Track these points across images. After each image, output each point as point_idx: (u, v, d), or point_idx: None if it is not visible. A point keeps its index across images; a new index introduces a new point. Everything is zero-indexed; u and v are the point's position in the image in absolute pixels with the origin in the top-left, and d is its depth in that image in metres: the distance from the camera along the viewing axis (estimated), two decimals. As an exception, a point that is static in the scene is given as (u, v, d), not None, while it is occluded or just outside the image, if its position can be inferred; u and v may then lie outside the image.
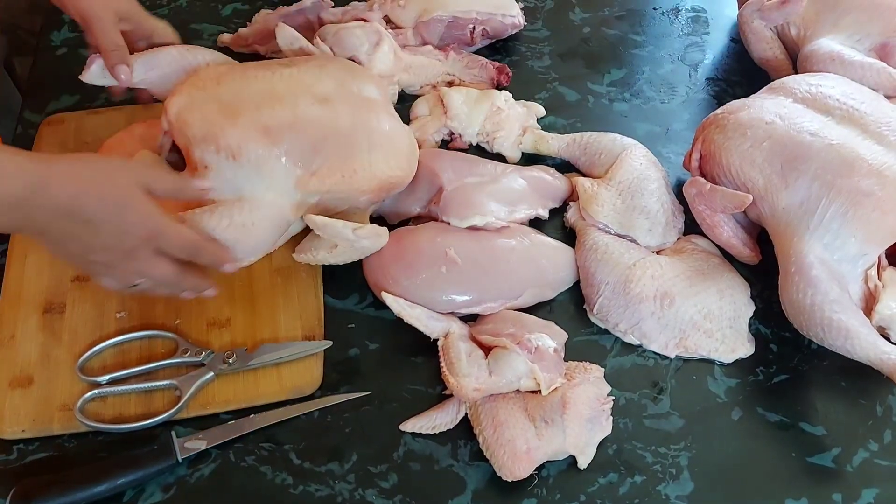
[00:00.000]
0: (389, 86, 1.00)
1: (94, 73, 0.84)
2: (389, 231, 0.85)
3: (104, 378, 0.78)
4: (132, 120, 0.96)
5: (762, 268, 0.88)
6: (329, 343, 0.81)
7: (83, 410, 0.76)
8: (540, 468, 0.75)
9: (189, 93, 0.82)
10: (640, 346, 0.84)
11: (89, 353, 0.80)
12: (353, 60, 0.98)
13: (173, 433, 0.75)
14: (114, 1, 0.84)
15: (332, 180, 0.81)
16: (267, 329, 0.83)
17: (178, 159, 0.86)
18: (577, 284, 0.88)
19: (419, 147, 0.97)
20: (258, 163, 0.79)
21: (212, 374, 0.79)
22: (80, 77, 0.84)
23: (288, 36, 0.93)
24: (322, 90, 0.84)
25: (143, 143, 0.85)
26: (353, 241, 0.81)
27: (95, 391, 0.78)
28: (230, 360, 0.79)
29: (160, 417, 0.76)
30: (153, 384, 0.79)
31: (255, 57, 1.06)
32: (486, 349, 0.79)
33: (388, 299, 0.81)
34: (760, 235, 0.89)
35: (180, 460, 0.74)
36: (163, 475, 0.74)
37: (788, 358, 0.83)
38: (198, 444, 0.75)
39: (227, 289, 0.85)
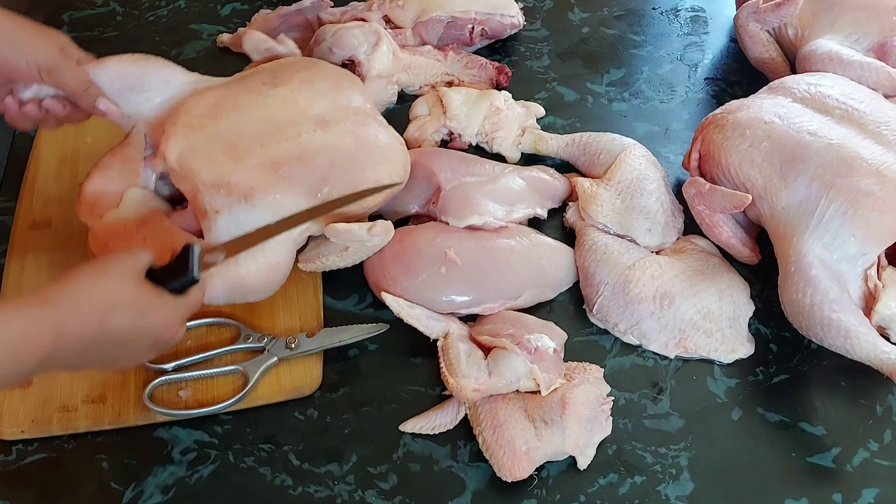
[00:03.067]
0: (388, 86, 1.00)
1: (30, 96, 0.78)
2: (389, 230, 0.85)
3: (170, 365, 0.79)
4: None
5: (762, 268, 0.88)
6: (387, 326, 0.82)
7: (152, 397, 0.77)
8: (540, 469, 0.75)
9: (186, 135, 0.80)
10: (639, 346, 0.84)
11: None
12: (352, 60, 0.98)
13: None
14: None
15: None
16: (266, 329, 0.82)
17: (164, 189, 0.85)
18: (576, 285, 0.88)
19: (419, 146, 0.97)
20: (272, 201, 0.78)
21: (275, 358, 0.79)
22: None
23: (255, 40, 0.92)
24: (318, 111, 0.83)
25: (124, 180, 0.82)
26: (366, 240, 0.81)
27: (163, 378, 0.78)
28: (293, 345, 0.79)
29: (227, 403, 0.77)
30: (219, 370, 0.79)
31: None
32: (486, 350, 0.79)
33: (388, 299, 0.81)
34: (760, 235, 0.89)
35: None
36: (161, 476, 0.74)
37: (788, 358, 0.83)
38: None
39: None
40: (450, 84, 1.04)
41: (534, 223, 0.92)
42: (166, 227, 0.79)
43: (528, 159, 0.99)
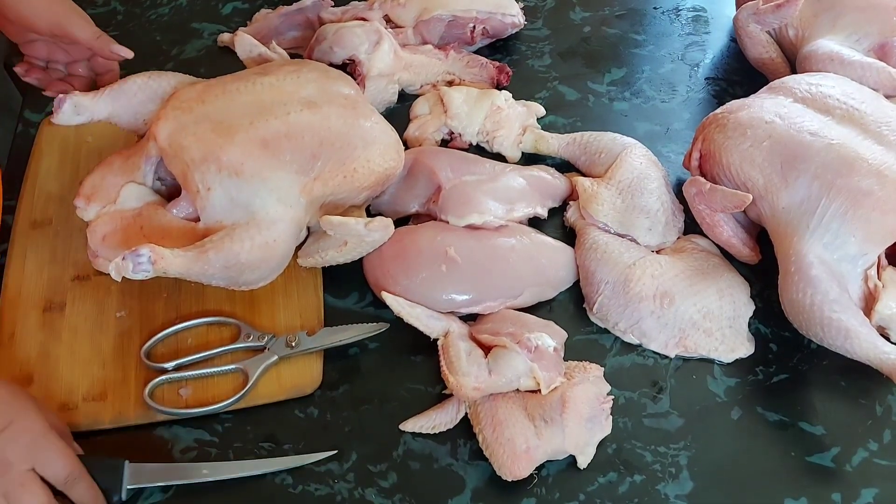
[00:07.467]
0: (389, 85, 1.01)
1: (67, 113, 0.81)
2: (389, 229, 0.85)
3: (170, 364, 0.79)
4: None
5: (762, 267, 0.88)
6: (387, 325, 0.82)
7: (152, 396, 0.77)
8: (539, 467, 0.75)
9: (175, 116, 0.81)
10: (639, 345, 0.84)
11: (154, 339, 0.80)
12: (353, 59, 0.98)
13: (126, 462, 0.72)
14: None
15: (334, 182, 0.82)
16: (267, 328, 0.82)
17: (161, 187, 0.85)
18: (576, 284, 0.88)
19: (419, 146, 0.97)
20: (262, 176, 0.78)
21: (276, 357, 0.79)
22: (52, 120, 0.82)
23: (246, 44, 0.93)
24: (306, 95, 0.84)
25: (124, 174, 0.82)
26: (364, 235, 0.81)
27: (163, 377, 0.78)
28: (293, 344, 0.80)
29: (227, 401, 0.77)
30: (219, 369, 0.79)
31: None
32: (486, 348, 0.79)
33: (388, 298, 0.81)
34: (760, 235, 0.89)
35: (124, 498, 0.71)
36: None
37: (788, 357, 0.83)
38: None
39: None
40: (451, 83, 1.04)
41: (534, 222, 0.92)
42: (163, 217, 0.80)
43: (529, 159, 0.99)
